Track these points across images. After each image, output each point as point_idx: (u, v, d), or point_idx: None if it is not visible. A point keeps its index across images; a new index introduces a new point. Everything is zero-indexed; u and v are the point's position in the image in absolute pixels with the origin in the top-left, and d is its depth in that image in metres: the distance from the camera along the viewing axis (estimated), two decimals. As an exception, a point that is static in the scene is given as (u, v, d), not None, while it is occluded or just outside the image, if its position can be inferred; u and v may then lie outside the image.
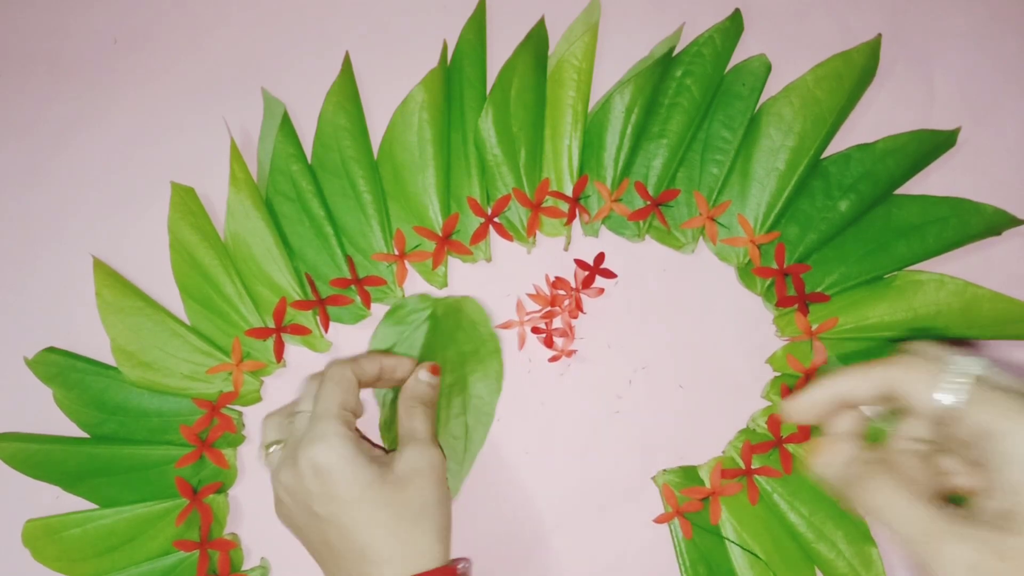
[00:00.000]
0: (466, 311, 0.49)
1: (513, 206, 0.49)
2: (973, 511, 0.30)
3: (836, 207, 0.48)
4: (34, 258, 0.51)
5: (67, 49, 0.54)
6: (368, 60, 0.52)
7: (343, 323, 0.49)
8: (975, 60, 0.52)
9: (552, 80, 0.50)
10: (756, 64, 0.50)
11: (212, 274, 0.48)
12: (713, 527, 0.46)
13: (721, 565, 0.46)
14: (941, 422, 0.31)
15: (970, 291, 0.46)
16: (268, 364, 0.48)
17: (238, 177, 0.48)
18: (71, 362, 0.48)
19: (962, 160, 0.50)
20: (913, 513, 0.30)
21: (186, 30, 0.54)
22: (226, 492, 0.48)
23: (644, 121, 0.49)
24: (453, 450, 0.47)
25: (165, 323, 0.48)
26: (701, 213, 0.49)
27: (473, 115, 0.50)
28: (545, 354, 0.49)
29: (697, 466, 0.48)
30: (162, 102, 0.53)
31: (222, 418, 0.47)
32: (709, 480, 0.46)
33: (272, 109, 0.51)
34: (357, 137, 0.50)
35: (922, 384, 0.31)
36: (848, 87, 0.49)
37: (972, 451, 0.30)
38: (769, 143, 0.49)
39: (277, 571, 0.48)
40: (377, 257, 0.49)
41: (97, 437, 0.48)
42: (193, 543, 0.46)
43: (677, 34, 0.51)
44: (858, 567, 0.45)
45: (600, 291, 0.49)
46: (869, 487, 0.31)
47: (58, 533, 0.46)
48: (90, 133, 0.53)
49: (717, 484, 0.46)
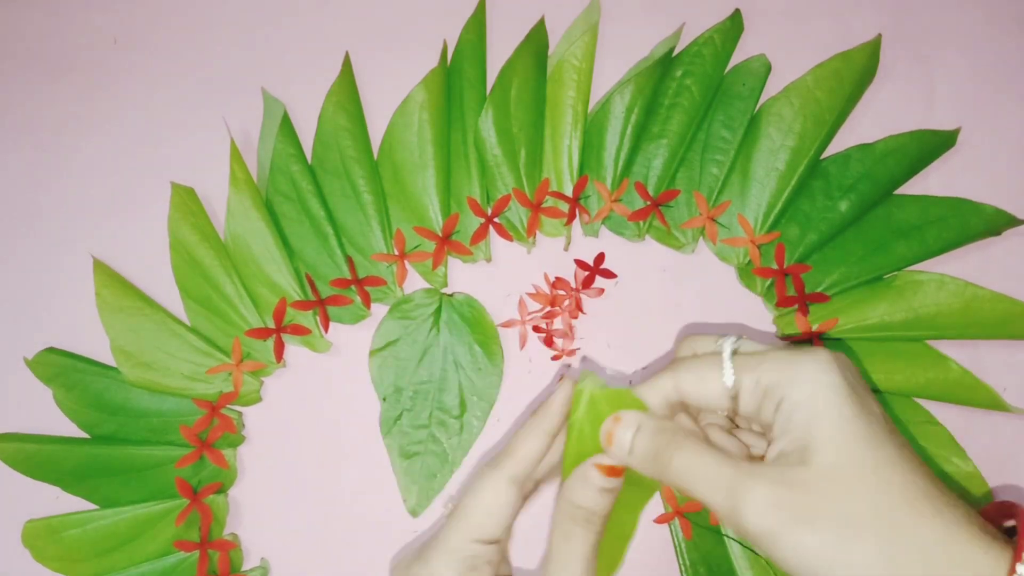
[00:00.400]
0: (470, 307, 0.49)
1: (513, 206, 0.49)
2: (767, 460, 0.30)
3: (836, 207, 0.48)
4: (34, 258, 0.51)
5: (67, 49, 0.54)
6: (368, 60, 0.52)
7: (343, 323, 0.49)
8: (975, 60, 0.52)
9: (552, 80, 0.50)
10: (756, 64, 0.50)
11: (212, 274, 0.48)
12: (713, 527, 0.46)
13: (721, 565, 0.46)
14: (730, 405, 0.32)
15: (970, 291, 0.46)
16: (268, 364, 0.48)
17: (238, 177, 0.48)
18: (71, 362, 0.48)
19: (962, 160, 0.50)
20: (717, 469, 0.30)
21: (186, 30, 0.54)
22: (226, 492, 0.48)
23: (644, 121, 0.49)
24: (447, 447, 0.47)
25: (165, 323, 0.48)
26: (701, 213, 0.49)
27: (473, 115, 0.50)
28: (545, 354, 0.49)
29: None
30: (162, 102, 0.53)
31: (222, 418, 0.47)
32: (709, 480, 0.46)
33: (272, 109, 0.51)
34: (357, 137, 0.50)
35: (706, 379, 0.32)
36: (848, 87, 0.49)
37: (759, 418, 0.31)
38: (769, 143, 0.49)
39: (277, 571, 0.48)
40: (377, 257, 0.49)
41: (97, 437, 0.48)
42: (193, 543, 0.46)
43: (677, 34, 0.51)
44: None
45: (600, 291, 0.49)
46: (672, 452, 0.31)
47: (58, 533, 0.46)
48: (90, 133, 0.53)
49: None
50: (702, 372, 0.32)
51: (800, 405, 0.29)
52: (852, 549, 0.27)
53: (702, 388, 0.32)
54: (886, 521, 0.27)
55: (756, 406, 0.31)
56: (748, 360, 0.31)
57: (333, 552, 0.48)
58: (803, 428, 0.29)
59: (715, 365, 0.32)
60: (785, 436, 0.30)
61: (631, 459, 0.32)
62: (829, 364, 0.30)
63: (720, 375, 0.32)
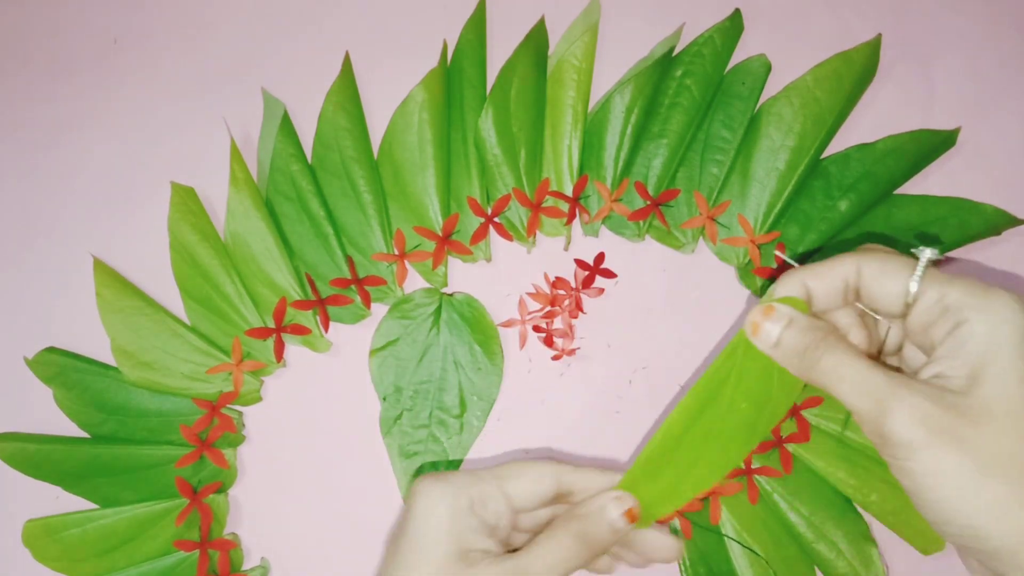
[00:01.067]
0: (470, 307, 0.49)
1: (513, 206, 0.49)
2: (922, 377, 0.30)
3: (836, 207, 0.48)
4: (34, 258, 0.51)
5: (67, 48, 0.54)
6: (368, 60, 0.52)
7: (343, 323, 0.49)
8: (975, 60, 0.52)
9: (552, 80, 0.50)
10: (756, 64, 0.50)
11: (212, 274, 0.48)
12: (713, 527, 0.46)
13: (721, 565, 0.46)
14: (900, 311, 0.31)
15: (970, 291, 0.46)
16: (268, 364, 0.48)
17: (238, 177, 0.48)
18: (71, 362, 0.48)
19: (962, 160, 0.50)
20: (869, 374, 0.30)
21: (186, 30, 0.54)
22: (226, 492, 0.48)
23: (644, 121, 0.49)
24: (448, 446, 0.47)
25: (165, 323, 0.48)
26: (701, 213, 0.49)
27: (473, 115, 0.50)
28: (545, 353, 0.49)
29: (697, 466, 0.48)
30: (162, 102, 0.53)
31: (222, 418, 0.47)
32: (709, 480, 0.46)
33: (272, 109, 0.51)
34: (357, 137, 0.50)
35: (893, 273, 0.31)
36: (848, 87, 0.49)
37: (927, 333, 0.31)
38: (769, 143, 0.49)
39: (277, 571, 0.48)
40: (377, 257, 0.49)
41: (97, 437, 0.48)
42: (193, 543, 0.46)
43: (677, 34, 0.51)
44: (858, 567, 0.45)
45: (600, 291, 0.49)
46: (823, 350, 0.31)
47: (58, 533, 0.46)
48: (90, 133, 0.53)
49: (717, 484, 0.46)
50: (890, 266, 0.31)
51: (978, 336, 0.29)
52: (988, 484, 0.27)
53: (884, 281, 0.31)
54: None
55: (930, 322, 0.30)
56: (938, 275, 0.30)
57: (333, 552, 0.48)
58: (976, 357, 0.28)
59: (906, 265, 0.31)
60: (951, 359, 0.29)
61: (775, 351, 0.32)
62: (1018, 304, 0.29)
63: (908, 275, 0.31)
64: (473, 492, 0.34)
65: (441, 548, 0.32)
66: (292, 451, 0.49)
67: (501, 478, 0.34)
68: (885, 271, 0.31)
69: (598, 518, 0.34)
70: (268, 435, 0.49)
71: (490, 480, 0.34)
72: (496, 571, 0.32)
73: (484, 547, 0.33)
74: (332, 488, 0.48)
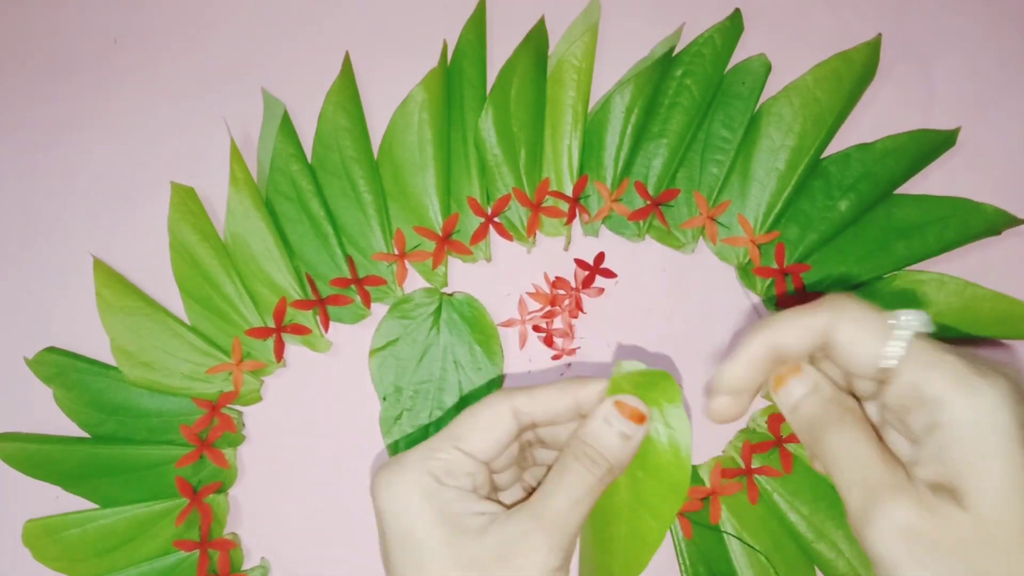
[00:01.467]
0: (470, 307, 0.49)
1: (513, 206, 0.49)
2: (915, 476, 0.27)
3: (836, 207, 0.48)
4: (34, 258, 0.51)
5: (67, 48, 0.54)
6: (368, 60, 0.52)
7: (343, 323, 0.49)
8: (975, 60, 0.52)
9: (552, 80, 0.50)
10: (756, 64, 0.50)
11: (212, 274, 0.48)
12: (713, 526, 0.46)
13: (721, 565, 0.46)
14: (874, 379, 0.28)
15: (970, 291, 0.46)
16: (268, 364, 0.48)
17: (238, 177, 0.48)
18: (71, 362, 0.48)
19: (962, 160, 0.50)
20: (865, 466, 0.27)
21: (186, 30, 0.54)
22: (226, 492, 0.48)
23: (644, 121, 0.49)
24: None
25: (165, 323, 0.48)
26: (701, 213, 0.49)
27: (473, 115, 0.50)
28: (545, 353, 0.49)
29: (697, 465, 0.48)
30: (162, 102, 0.53)
31: (222, 418, 0.47)
32: (709, 479, 0.46)
33: (272, 109, 0.51)
34: (357, 137, 0.50)
35: (868, 340, 0.28)
36: (848, 87, 0.49)
37: (902, 420, 0.28)
38: (769, 143, 0.49)
39: (277, 571, 0.48)
40: (377, 257, 0.49)
41: (97, 437, 0.48)
42: (193, 543, 0.46)
43: (677, 34, 0.51)
44: (858, 567, 0.45)
45: (600, 291, 0.49)
46: (833, 429, 0.28)
47: (58, 533, 0.46)
48: (90, 133, 0.53)
49: (717, 483, 0.46)
50: (867, 329, 0.28)
51: (962, 442, 0.26)
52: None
53: (858, 349, 0.28)
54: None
55: (904, 408, 0.28)
56: (920, 354, 0.27)
57: (333, 552, 0.48)
58: (963, 467, 0.26)
59: (884, 329, 0.27)
60: (935, 466, 0.26)
61: (792, 415, 0.30)
62: (1008, 393, 0.26)
63: (883, 343, 0.27)
64: (432, 466, 0.31)
65: (434, 539, 0.29)
66: (292, 451, 0.49)
67: (456, 439, 0.31)
68: (862, 336, 0.28)
69: (605, 434, 0.31)
70: (268, 435, 0.49)
71: (446, 445, 0.31)
72: (512, 529, 0.29)
73: (479, 510, 0.30)
74: (332, 488, 0.48)
